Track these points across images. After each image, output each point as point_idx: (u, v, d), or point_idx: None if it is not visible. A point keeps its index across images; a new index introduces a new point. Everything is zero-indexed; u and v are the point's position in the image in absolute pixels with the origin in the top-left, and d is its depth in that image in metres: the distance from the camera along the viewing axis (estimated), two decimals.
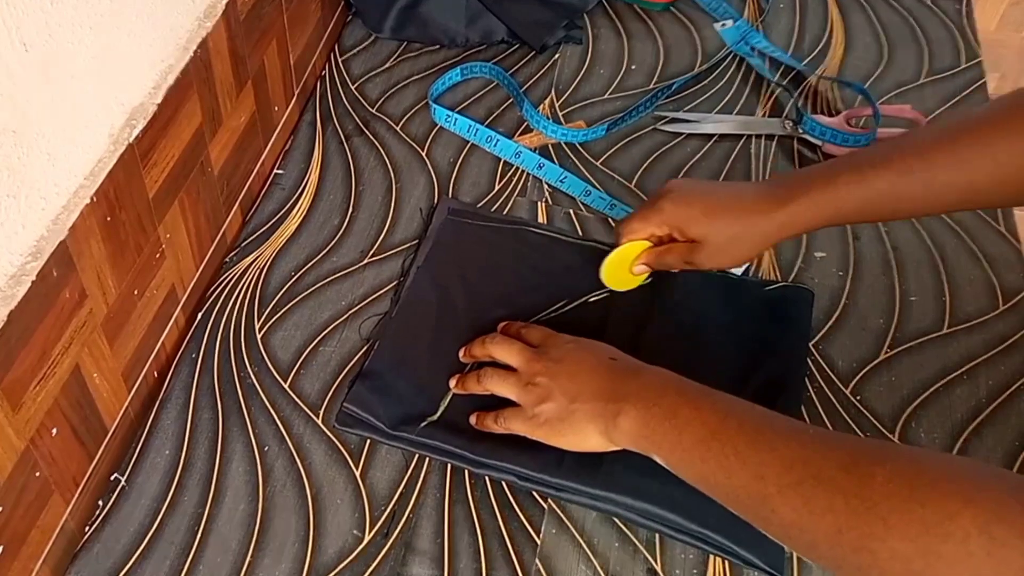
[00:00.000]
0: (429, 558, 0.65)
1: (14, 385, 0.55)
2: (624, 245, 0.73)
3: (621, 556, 0.66)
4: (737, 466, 0.54)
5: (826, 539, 0.49)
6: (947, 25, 1.09)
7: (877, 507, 0.47)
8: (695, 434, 0.57)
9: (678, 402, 0.59)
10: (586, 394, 0.63)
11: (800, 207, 0.66)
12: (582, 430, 0.63)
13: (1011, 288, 0.82)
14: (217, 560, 0.64)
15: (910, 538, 0.45)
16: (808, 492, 0.50)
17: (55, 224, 0.56)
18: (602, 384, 0.63)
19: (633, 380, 0.63)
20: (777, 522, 0.52)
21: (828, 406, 0.73)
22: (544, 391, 0.65)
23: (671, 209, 0.70)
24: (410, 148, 0.92)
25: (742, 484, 0.54)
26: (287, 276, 0.81)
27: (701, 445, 0.56)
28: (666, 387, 0.61)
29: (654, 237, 0.72)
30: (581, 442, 0.64)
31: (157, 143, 0.67)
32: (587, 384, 0.64)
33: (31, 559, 0.61)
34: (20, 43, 0.50)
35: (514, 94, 0.97)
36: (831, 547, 0.49)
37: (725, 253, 0.69)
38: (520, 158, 0.90)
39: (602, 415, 0.62)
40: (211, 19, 0.71)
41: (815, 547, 0.50)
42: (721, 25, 1.06)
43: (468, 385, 0.70)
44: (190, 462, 0.69)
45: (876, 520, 0.47)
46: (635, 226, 0.72)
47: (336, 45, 1.03)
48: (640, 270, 0.74)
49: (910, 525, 0.45)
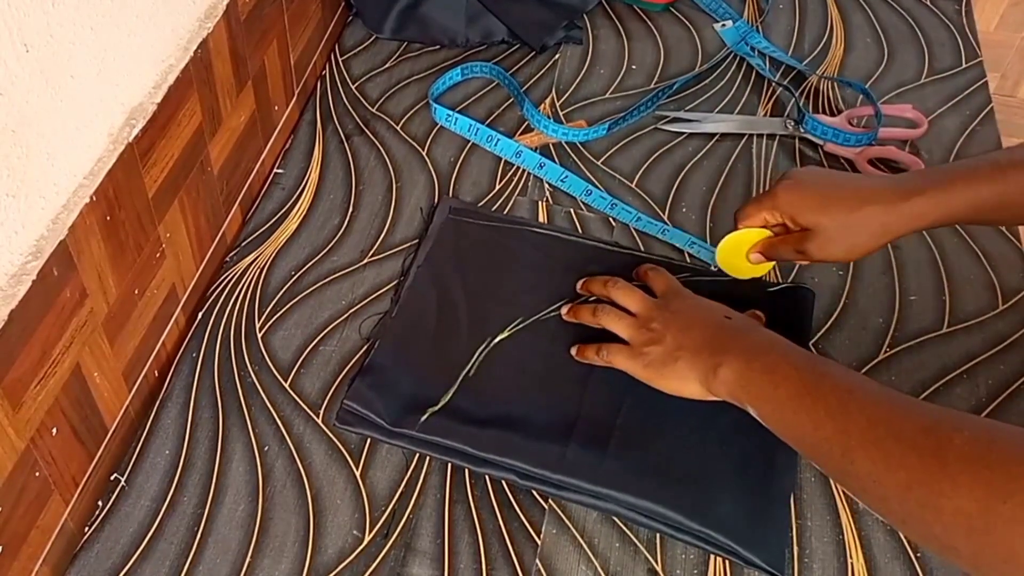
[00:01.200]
0: (429, 558, 0.65)
1: (15, 384, 0.55)
2: (739, 231, 0.74)
3: (621, 556, 0.66)
4: (826, 420, 0.57)
5: (896, 493, 0.52)
6: (947, 25, 1.09)
7: (948, 467, 0.49)
8: (790, 389, 0.60)
9: (778, 360, 0.62)
10: (694, 344, 0.66)
11: (924, 200, 0.67)
12: (683, 376, 0.66)
13: (1011, 287, 0.82)
14: (217, 560, 0.64)
15: (975, 498, 0.48)
16: (887, 448, 0.53)
17: (55, 223, 0.56)
18: (710, 337, 0.66)
19: (742, 337, 0.66)
20: (854, 473, 0.55)
21: None
22: (655, 335, 0.68)
23: (784, 196, 0.71)
24: (410, 148, 0.92)
25: (827, 436, 0.57)
26: (287, 275, 0.81)
27: (794, 400, 0.59)
28: (771, 346, 0.64)
29: (768, 224, 0.72)
30: (680, 387, 0.66)
31: (157, 143, 0.67)
32: (697, 335, 0.67)
33: (31, 559, 0.61)
34: (21, 44, 0.50)
35: (515, 94, 0.97)
36: (900, 502, 0.52)
37: (837, 243, 0.69)
38: (521, 158, 0.90)
39: (705, 365, 0.64)
40: (212, 19, 0.71)
41: (886, 501, 0.53)
42: (721, 26, 1.06)
43: (581, 315, 0.74)
44: (190, 462, 0.69)
45: (946, 479, 0.49)
46: (748, 211, 0.73)
47: (336, 45, 1.03)
48: (756, 259, 0.74)
49: (976, 485, 0.48)
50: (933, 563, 0.66)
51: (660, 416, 0.70)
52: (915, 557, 0.66)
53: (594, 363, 0.71)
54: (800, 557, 0.66)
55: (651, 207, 0.87)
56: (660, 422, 0.69)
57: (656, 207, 0.87)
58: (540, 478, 0.67)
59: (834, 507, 0.68)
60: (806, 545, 0.66)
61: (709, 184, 0.90)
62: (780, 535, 0.66)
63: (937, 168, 0.72)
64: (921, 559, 0.66)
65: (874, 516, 0.68)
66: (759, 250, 0.74)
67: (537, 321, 0.76)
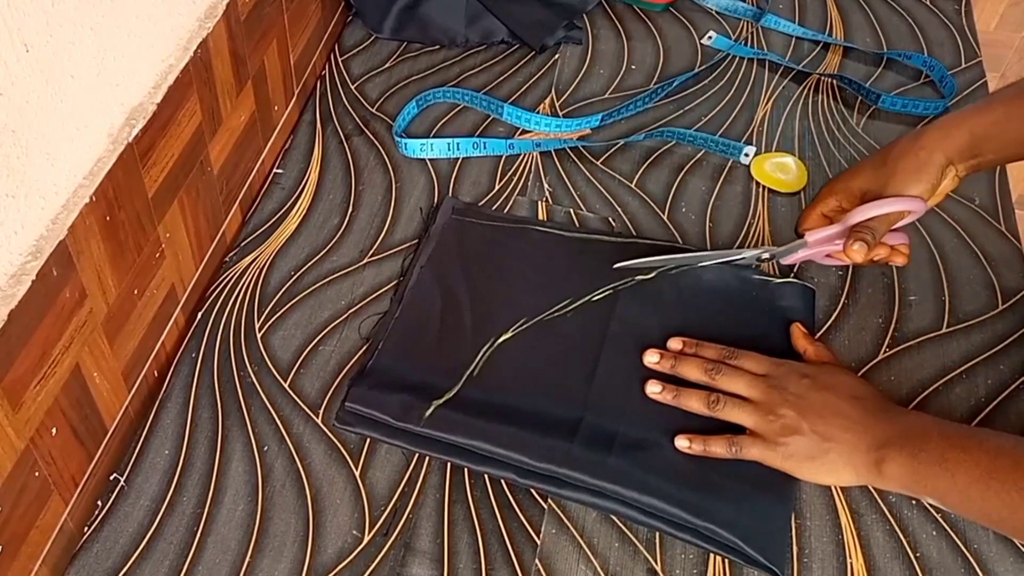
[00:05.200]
0: (429, 558, 0.65)
1: (14, 385, 0.55)
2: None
3: (621, 556, 0.66)
4: (1020, 501, 0.57)
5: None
6: (947, 25, 1.09)
7: None
8: (969, 475, 0.60)
9: (943, 445, 0.61)
10: (841, 436, 0.65)
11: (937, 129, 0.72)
12: (836, 469, 0.65)
13: (1011, 288, 0.82)
14: (216, 560, 0.64)
15: None
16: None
17: (55, 224, 0.56)
18: (856, 427, 0.65)
19: (889, 424, 0.65)
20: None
21: None
22: (791, 424, 0.66)
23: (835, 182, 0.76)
24: None
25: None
26: (287, 275, 0.81)
27: (979, 484, 0.59)
28: (928, 431, 0.63)
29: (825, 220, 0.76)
30: (831, 478, 0.66)
31: (157, 143, 0.67)
32: (840, 425, 0.65)
33: (30, 559, 0.61)
34: (21, 44, 0.50)
35: (485, 107, 0.96)
36: None
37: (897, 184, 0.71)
38: (514, 148, 0.90)
39: (864, 461, 0.64)
40: (211, 19, 0.71)
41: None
42: (708, 38, 1.06)
43: (689, 401, 0.70)
44: (189, 462, 0.69)
45: None
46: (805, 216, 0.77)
47: (336, 45, 1.03)
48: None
49: None
50: (933, 563, 0.66)
51: (665, 416, 0.70)
52: (915, 557, 0.66)
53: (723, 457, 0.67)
54: (800, 557, 0.66)
55: (651, 207, 0.87)
56: (665, 422, 0.69)
57: (656, 207, 0.87)
58: (542, 474, 0.67)
59: (834, 507, 0.68)
60: (806, 545, 0.66)
61: (709, 184, 0.90)
62: (782, 534, 0.66)
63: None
64: (921, 559, 0.66)
65: (874, 516, 0.68)
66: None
67: (541, 321, 0.76)
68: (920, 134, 0.72)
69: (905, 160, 0.71)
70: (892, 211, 0.71)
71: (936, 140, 0.71)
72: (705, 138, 0.92)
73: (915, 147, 0.71)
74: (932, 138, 0.71)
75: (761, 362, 0.71)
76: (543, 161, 0.91)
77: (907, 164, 0.71)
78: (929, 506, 0.68)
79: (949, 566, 0.65)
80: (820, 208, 0.76)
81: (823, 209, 0.76)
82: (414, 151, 0.91)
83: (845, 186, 0.75)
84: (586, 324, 0.75)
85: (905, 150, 0.72)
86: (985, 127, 0.71)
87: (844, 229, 0.72)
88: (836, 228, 0.73)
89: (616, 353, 0.73)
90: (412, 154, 0.91)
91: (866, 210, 0.71)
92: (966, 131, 0.71)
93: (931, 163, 0.71)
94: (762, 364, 0.71)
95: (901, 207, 0.71)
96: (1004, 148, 0.72)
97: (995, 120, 0.71)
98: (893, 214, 0.71)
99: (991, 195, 0.90)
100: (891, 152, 0.73)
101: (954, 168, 0.72)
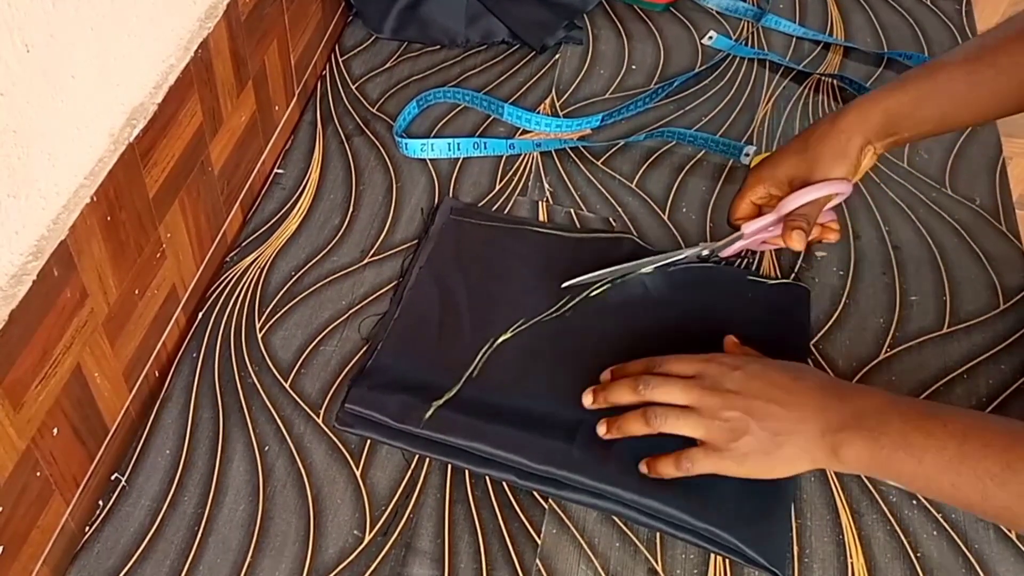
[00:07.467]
0: (429, 558, 0.65)
1: (15, 385, 0.55)
2: None
3: (622, 556, 0.66)
4: (995, 489, 0.55)
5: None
6: (947, 25, 1.09)
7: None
8: (937, 461, 0.57)
9: (904, 428, 0.58)
10: (792, 427, 0.61)
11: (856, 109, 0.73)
12: (792, 460, 0.62)
13: (1011, 287, 0.82)
14: (217, 560, 0.65)
15: None
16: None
17: (55, 224, 0.56)
18: (806, 414, 0.61)
19: (841, 404, 0.61)
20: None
21: None
22: (739, 426, 0.62)
23: (760, 168, 0.76)
24: None
25: (1005, 505, 0.55)
26: (287, 276, 0.81)
27: (948, 472, 0.56)
28: (884, 411, 0.60)
29: (755, 208, 0.77)
30: (791, 470, 0.63)
31: (157, 143, 0.67)
32: (787, 416, 0.62)
33: (31, 559, 0.61)
34: (22, 44, 0.50)
35: (485, 107, 0.96)
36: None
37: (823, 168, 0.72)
38: (515, 148, 0.90)
39: (819, 447, 0.60)
40: (212, 20, 0.71)
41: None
42: (708, 38, 1.06)
43: (630, 427, 0.65)
44: (190, 462, 0.69)
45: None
46: (735, 206, 0.77)
47: (336, 45, 1.03)
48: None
49: None
50: (933, 563, 0.66)
51: None
52: (915, 557, 0.66)
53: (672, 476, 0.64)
54: (800, 557, 0.66)
55: (651, 207, 0.87)
56: None
57: (656, 207, 0.87)
58: (543, 476, 0.67)
59: (834, 507, 0.68)
60: (806, 545, 0.66)
61: (709, 184, 0.90)
62: (782, 535, 0.66)
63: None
64: (921, 559, 0.66)
65: (874, 516, 0.68)
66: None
67: (540, 322, 0.76)
68: (838, 117, 0.73)
69: (826, 144, 0.73)
70: (821, 195, 0.72)
71: (854, 123, 0.72)
72: (706, 138, 0.92)
73: (835, 130, 0.72)
74: (850, 121, 0.72)
75: (687, 362, 0.66)
76: (543, 161, 0.91)
77: (829, 148, 0.72)
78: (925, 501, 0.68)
79: (950, 566, 0.65)
80: (749, 196, 0.77)
81: (752, 197, 0.77)
82: (415, 151, 0.91)
83: (771, 174, 0.75)
84: (585, 324, 0.75)
85: (825, 134, 0.73)
86: (899, 107, 0.72)
87: (779, 218, 0.74)
88: (771, 218, 0.74)
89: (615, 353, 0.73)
90: (413, 154, 0.91)
91: (797, 198, 0.72)
92: (881, 112, 0.72)
93: (851, 145, 0.72)
94: (689, 364, 0.66)
95: (829, 191, 0.72)
96: (919, 126, 0.73)
97: (909, 99, 0.72)
98: (822, 198, 0.72)
99: (991, 195, 0.90)
100: (811, 137, 0.74)
101: (872, 147, 0.73)
